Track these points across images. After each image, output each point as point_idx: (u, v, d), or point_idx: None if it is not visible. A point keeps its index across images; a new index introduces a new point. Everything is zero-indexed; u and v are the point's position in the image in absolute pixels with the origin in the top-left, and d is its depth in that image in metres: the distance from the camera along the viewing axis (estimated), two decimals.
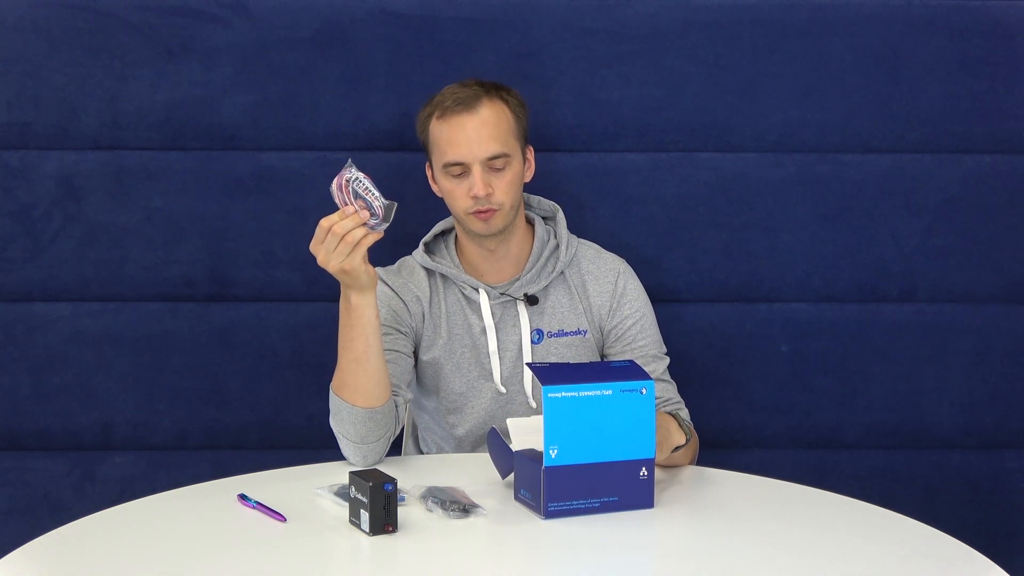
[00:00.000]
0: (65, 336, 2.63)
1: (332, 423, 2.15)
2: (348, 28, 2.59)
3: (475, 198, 2.22)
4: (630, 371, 1.94)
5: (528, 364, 2.11)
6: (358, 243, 2.00)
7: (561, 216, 2.41)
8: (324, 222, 2.00)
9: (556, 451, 1.87)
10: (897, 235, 2.66)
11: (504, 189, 2.25)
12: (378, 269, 2.35)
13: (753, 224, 2.65)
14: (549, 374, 1.92)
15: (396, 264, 2.39)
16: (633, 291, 2.38)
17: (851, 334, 2.68)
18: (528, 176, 2.36)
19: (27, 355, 2.63)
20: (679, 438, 2.11)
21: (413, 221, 2.56)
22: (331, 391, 2.14)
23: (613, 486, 1.90)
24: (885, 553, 1.79)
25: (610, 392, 1.89)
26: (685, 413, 2.29)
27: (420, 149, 2.59)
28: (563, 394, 1.87)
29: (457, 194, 2.25)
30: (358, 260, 2.01)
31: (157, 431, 2.66)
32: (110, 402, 2.64)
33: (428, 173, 2.36)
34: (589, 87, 2.62)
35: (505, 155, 2.25)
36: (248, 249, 2.63)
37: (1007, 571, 1.72)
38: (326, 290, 2.63)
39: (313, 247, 2.03)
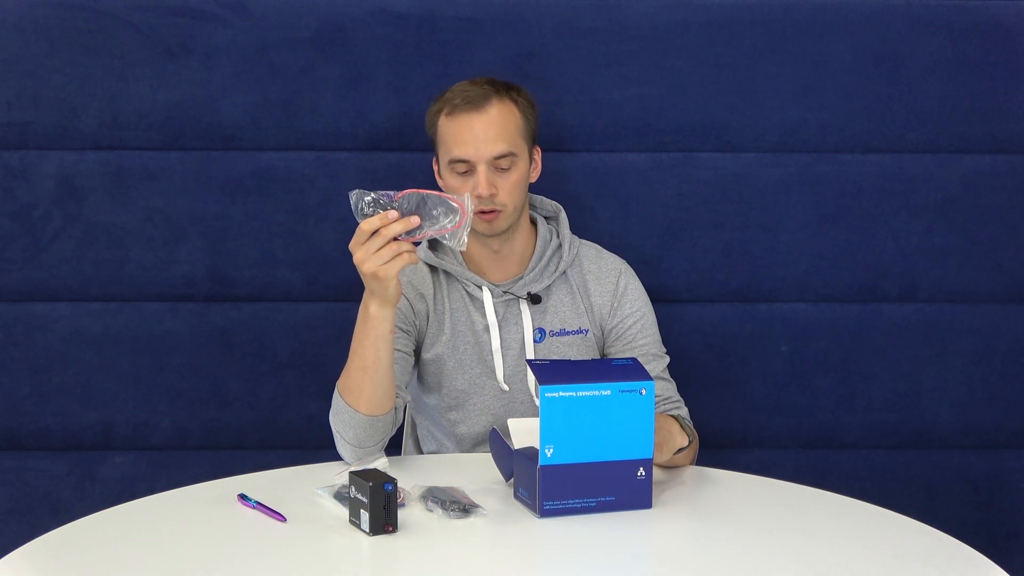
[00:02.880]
0: (65, 336, 2.63)
1: (332, 420, 2.15)
2: (348, 28, 2.59)
3: (479, 198, 2.22)
4: (631, 371, 1.94)
5: (528, 361, 2.11)
6: (400, 254, 1.97)
7: (563, 216, 2.41)
8: (368, 224, 1.97)
9: (552, 450, 1.87)
10: (897, 235, 2.66)
11: (508, 190, 2.25)
12: None
13: (753, 224, 2.65)
14: (547, 372, 1.92)
15: None
16: (634, 291, 2.38)
17: (851, 334, 2.68)
18: (534, 177, 2.36)
19: (27, 355, 2.63)
20: (681, 440, 2.11)
21: None
22: (336, 390, 2.14)
23: (610, 486, 1.90)
24: (885, 553, 1.79)
25: (608, 392, 1.88)
26: (685, 412, 2.30)
27: (420, 149, 2.59)
28: (560, 394, 1.86)
29: (462, 192, 2.25)
30: (395, 270, 1.98)
31: (157, 431, 2.66)
32: (110, 402, 2.64)
33: (435, 168, 2.36)
34: (589, 87, 2.62)
35: (511, 155, 2.25)
36: (248, 249, 2.63)
37: (1007, 571, 1.72)
38: (326, 290, 2.64)
39: (353, 246, 2.00)
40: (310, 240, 2.63)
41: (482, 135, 2.23)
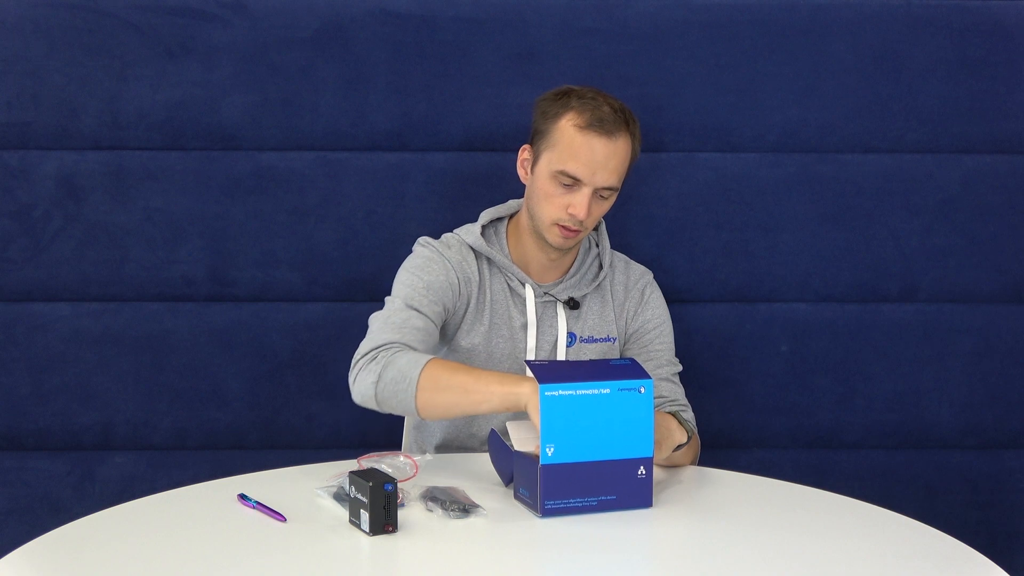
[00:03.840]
0: (65, 336, 2.63)
1: (384, 376, 2.07)
2: (348, 28, 2.59)
3: (571, 216, 2.20)
4: (629, 370, 1.94)
5: (526, 361, 2.09)
6: None
7: (604, 227, 2.40)
8: None
9: (552, 449, 1.87)
10: (897, 235, 2.66)
11: (597, 216, 2.25)
12: (428, 239, 2.31)
13: (753, 224, 2.65)
14: (546, 372, 1.92)
15: (442, 239, 2.32)
16: (657, 299, 2.40)
17: (851, 334, 2.68)
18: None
19: (27, 355, 2.63)
20: (680, 437, 2.11)
21: (412, 221, 2.56)
22: (421, 371, 2.05)
23: (611, 485, 1.90)
24: (885, 553, 1.79)
25: (608, 391, 1.89)
26: (690, 415, 2.29)
27: (420, 149, 2.60)
28: (560, 392, 1.87)
29: (556, 202, 2.21)
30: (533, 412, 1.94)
31: (157, 431, 2.66)
32: (110, 402, 2.64)
33: (524, 155, 2.29)
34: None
35: (616, 190, 2.24)
36: (248, 249, 2.63)
37: (1007, 571, 1.72)
38: (326, 290, 2.64)
39: None
40: (310, 240, 2.63)
41: (603, 163, 2.19)
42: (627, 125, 2.22)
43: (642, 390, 1.90)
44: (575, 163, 2.18)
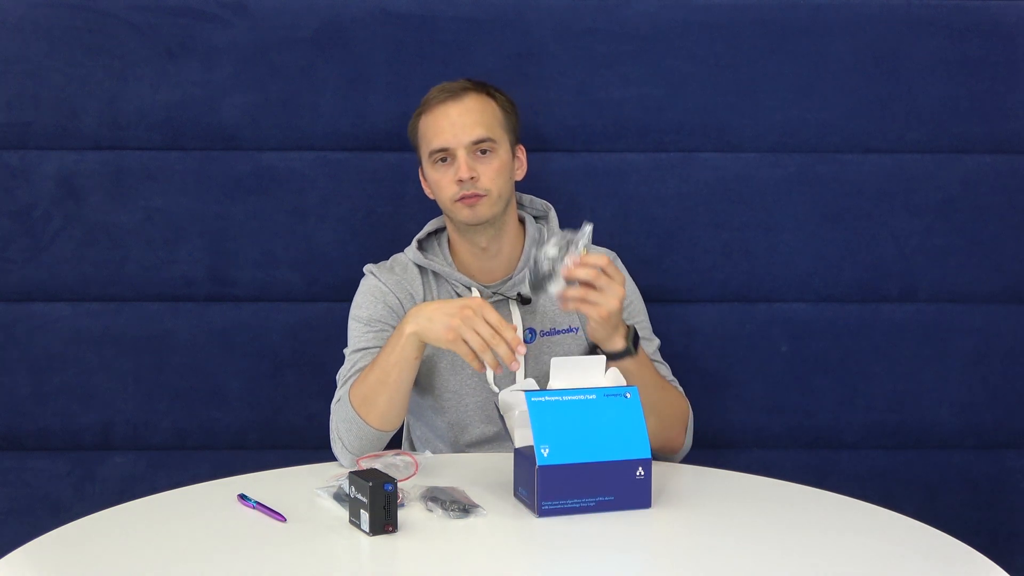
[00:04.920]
0: (65, 336, 2.63)
1: (335, 424, 2.16)
2: (348, 28, 2.59)
3: (460, 182, 2.23)
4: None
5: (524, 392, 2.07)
6: (474, 352, 1.98)
7: (553, 215, 2.41)
8: (494, 317, 1.98)
9: (548, 450, 1.87)
10: (897, 235, 2.66)
11: (490, 176, 2.25)
12: (371, 266, 2.36)
13: (753, 224, 2.65)
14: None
15: (389, 261, 2.38)
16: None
17: (851, 334, 2.68)
18: (520, 175, 2.36)
19: (27, 355, 2.63)
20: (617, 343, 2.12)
21: (412, 221, 2.56)
22: (347, 396, 2.15)
23: (609, 485, 1.90)
24: (885, 553, 1.79)
25: (594, 396, 1.92)
26: (676, 385, 2.30)
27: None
28: (545, 399, 1.90)
29: (443, 183, 2.26)
30: (459, 345, 2.00)
31: (157, 431, 2.66)
32: (110, 402, 2.64)
33: (421, 176, 2.37)
34: (589, 87, 2.62)
35: (490, 139, 2.25)
36: (248, 249, 2.63)
37: (1007, 571, 1.72)
38: (326, 290, 2.64)
39: (467, 307, 2.00)
40: (310, 240, 2.63)
41: (459, 121, 2.25)
42: (476, 88, 2.30)
43: (628, 395, 1.93)
44: (436, 137, 2.26)
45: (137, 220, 2.61)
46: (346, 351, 2.29)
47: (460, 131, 2.25)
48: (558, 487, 1.87)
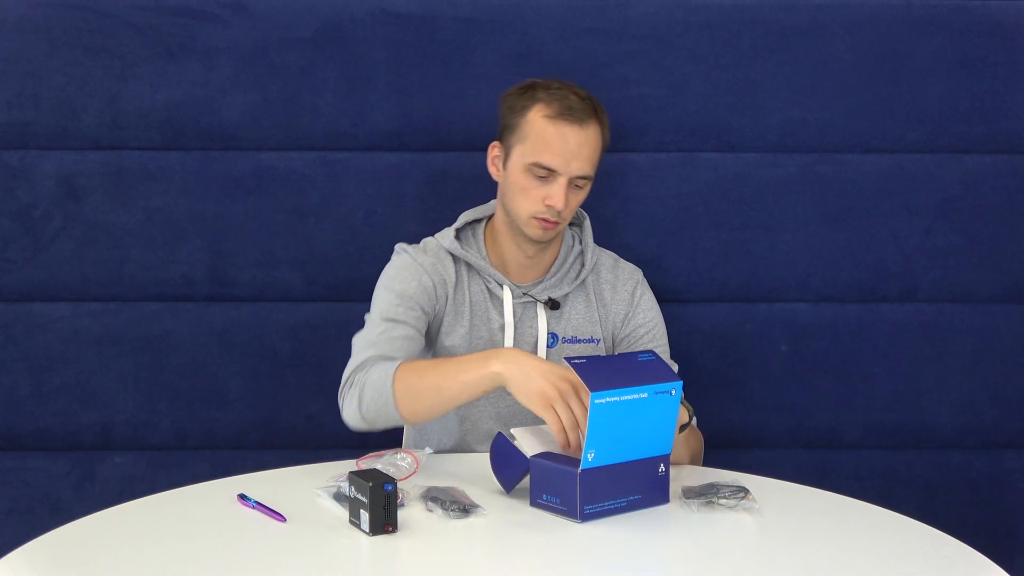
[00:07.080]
0: (65, 336, 2.63)
1: (364, 391, 2.11)
2: (348, 28, 2.59)
3: (548, 207, 2.21)
4: (659, 369, 1.94)
5: (567, 359, 2.01)
6: (564, 425, 1.93)
7: (588, 224, 2.40)
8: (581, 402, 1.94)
9: (593, 455, 1.86)
10: (897, 235, 2.66)
11: (574, 207, 2.25)
12: (404, 245, 2.32)
13: (753, 224, 2.65)
14: (591, 374, 1.89)
15: (420, 243, 2.34)
16: (648, 301, 2.38)
17: (851, 334, 2.68)
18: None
19: (27, 355, 2.63)
20: (682, 415, 2.10)
21: (412, 221, 2.56)
22: (392, 378, 2.09)
23: (636, 484, 1.90)
24: (885, 553, 1.79)
25: (646, 395, 1.88)
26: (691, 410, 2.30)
27: (420, 149, 2.59)
28: (608, 399, 1.84)
29: (533, 195, 2.22)
30: (549, 416, 1.95)
31: (157, 431, 2.66)
32: (110, 402, 2.64)
33: (494, 152, 2.29)
34: (589, 87, 2.61)
35: (590, 178, 2.24)
36: (248, 249, 2.63)
37: (1007, 571, 1.72)
38: (326, 290, 2.64)
39: (559, 380, 1.96)
40: (310, 240, 2.63)
41: (576, 152, 2.19)
42: (596, 113, 2.24)
43: (673, 392, 1.91)
44: (549, 154, 2.19)
45: (137, 220, 2.61)
46: (368, 316, 2.25)
47: (572, 161, 2.19)
48: (596, 490, 1.87)
